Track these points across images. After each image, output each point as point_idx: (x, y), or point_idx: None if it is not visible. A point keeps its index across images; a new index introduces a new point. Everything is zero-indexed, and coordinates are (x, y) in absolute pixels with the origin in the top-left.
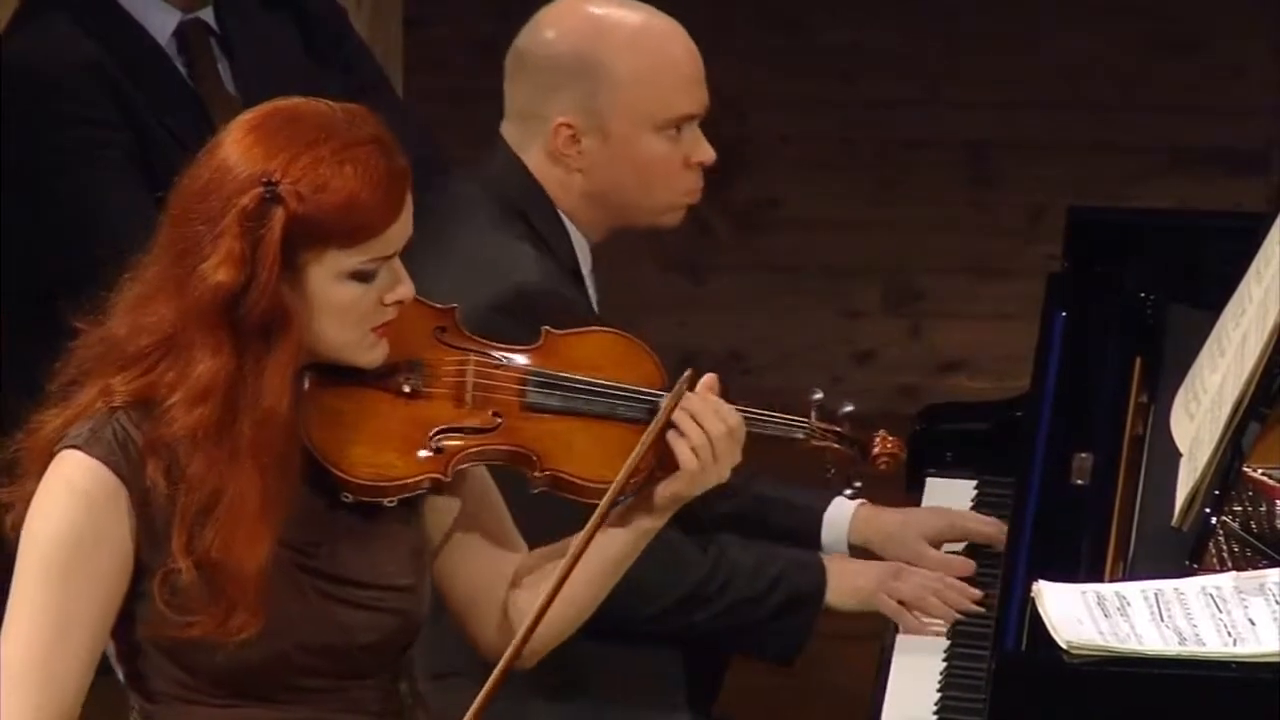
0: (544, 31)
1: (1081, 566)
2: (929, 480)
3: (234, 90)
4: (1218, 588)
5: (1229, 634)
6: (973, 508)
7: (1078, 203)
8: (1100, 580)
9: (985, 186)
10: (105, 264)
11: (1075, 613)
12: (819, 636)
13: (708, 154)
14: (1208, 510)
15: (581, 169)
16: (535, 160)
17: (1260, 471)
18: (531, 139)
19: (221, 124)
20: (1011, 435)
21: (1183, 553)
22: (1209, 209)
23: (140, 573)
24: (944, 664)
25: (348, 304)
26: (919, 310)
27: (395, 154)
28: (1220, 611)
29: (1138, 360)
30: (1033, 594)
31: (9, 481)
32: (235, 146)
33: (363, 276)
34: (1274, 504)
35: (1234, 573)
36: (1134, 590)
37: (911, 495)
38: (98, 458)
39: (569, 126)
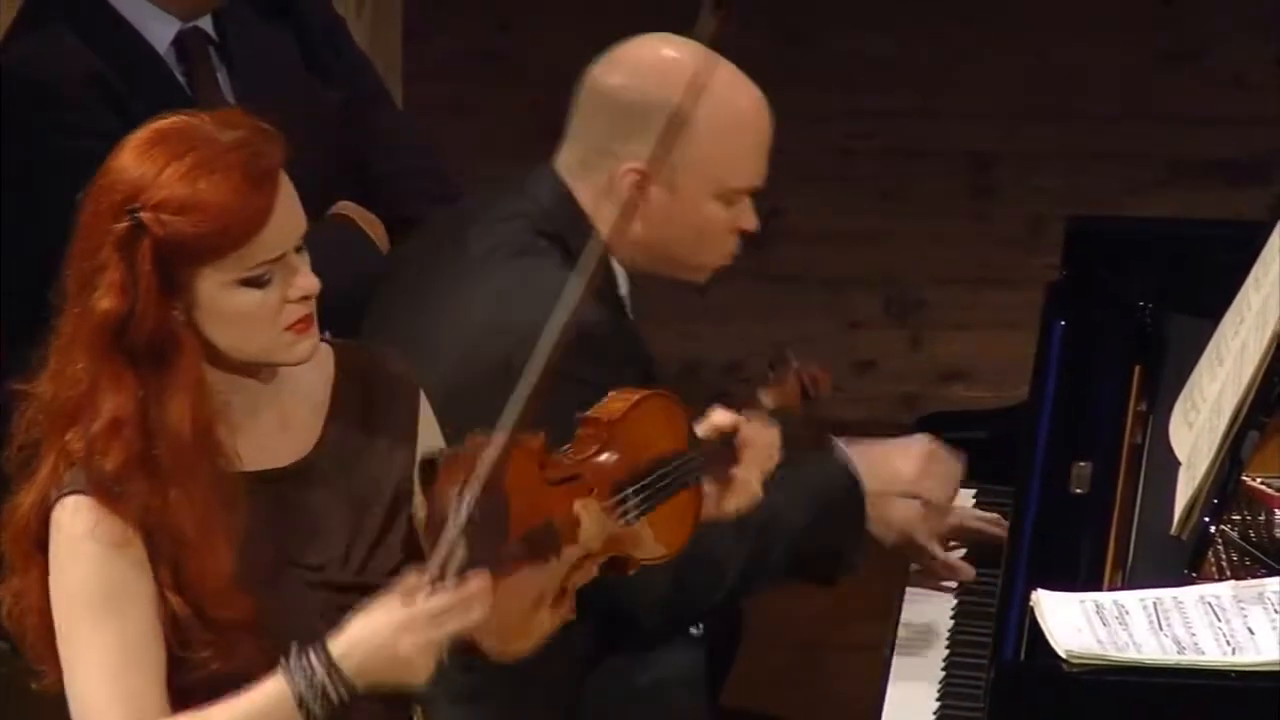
0: (633, 73)
1: (1080, 575)
2: None
3: (233, 99)
4: (1216, 596)
5: (1228, 643)
6: None
7: (1078, 213)
8: (1099, 589)
9: (986, 197)
10: None
11: (1074, 621)
12: (818, 646)
13: (753, 223)
14: (1206, 519)
15: (644, 218)
16: (588, 194)
17: (1259, 480)
18: (591, 173)
19: None
20: (1010, 444)
21: (1181, 561)
22: (1209, 218)
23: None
24: (943, 673)
25: (247, 311)
26: (920, 320)
27: (259, 155)
28: (1219, 620)
29: (1136, 369)
30: (1031, 603)
31: None
32: (116, 164)
33: (254, 283)
34: (1273, 513)
35: (1233, 581)
36: (1132, 599)
37: None
38: (91, 494)
39: (639, 173)
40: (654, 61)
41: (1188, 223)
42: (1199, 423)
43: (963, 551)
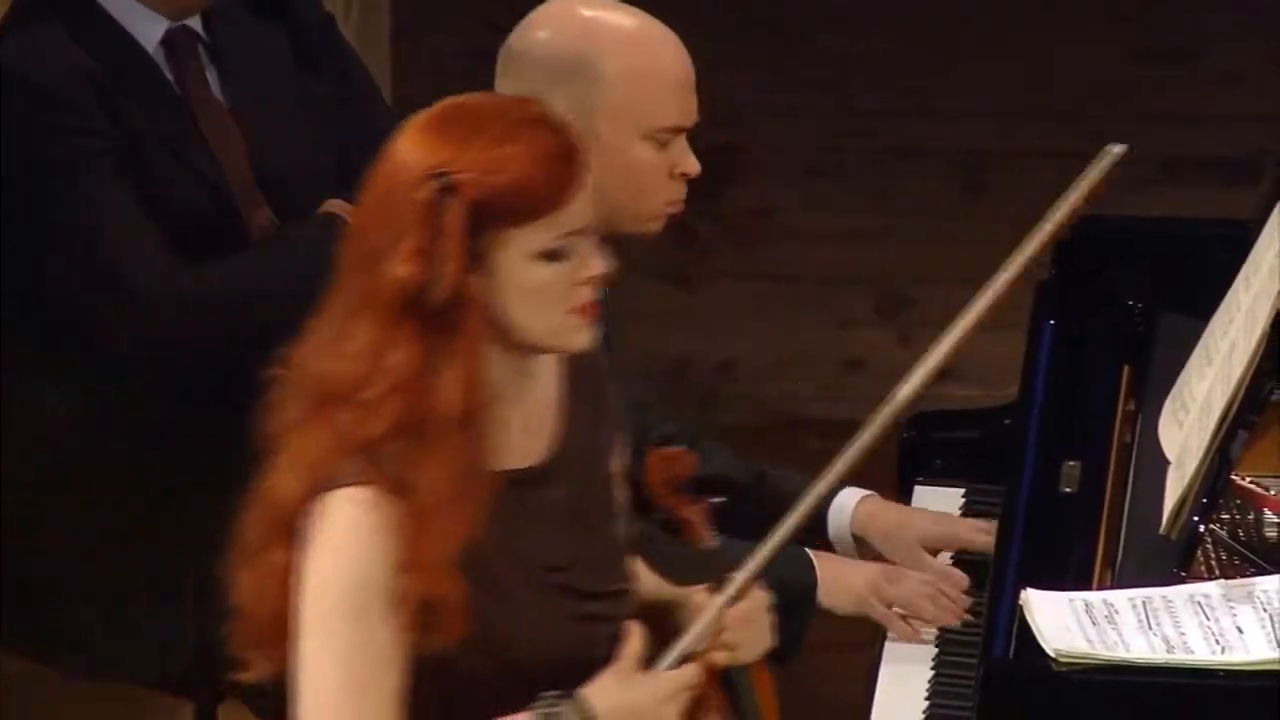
0: (537, 31)
1: (1069, 574)
2: (917, 488)
3: (222, 98)
4: (1206, 596)
5: (1217, 642)
6: (961, 516)
7: None
8: (1088, 588)
9: (977, 196)
10: (97, 272)
11: (1063, 621)
12: (808, 647)
13: (693, 166)
14: (1196, 518)
15: None
16: None
17: (1248, 480)
18: None
19: (209, 131)
20: (1000, 443)
21: (1171, 561)
22: (1199, 217)
23: None
24: (932, 672)
25: (541, 285)
26: (910, 319)
27: (563, 130)
28: (1208, 619)
29: (1126, 368)
30: (1021, 602)
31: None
32: (405, 148)
33: (552, 255)
34: (1262, 512)
35: (1222, 581)
36: (1122, 598)
37: (900, 503)
38: (373, 486)
39: None
40: (554, 16)
41: (1178, 222)
42: (1188, 422)
43: (949, 555)
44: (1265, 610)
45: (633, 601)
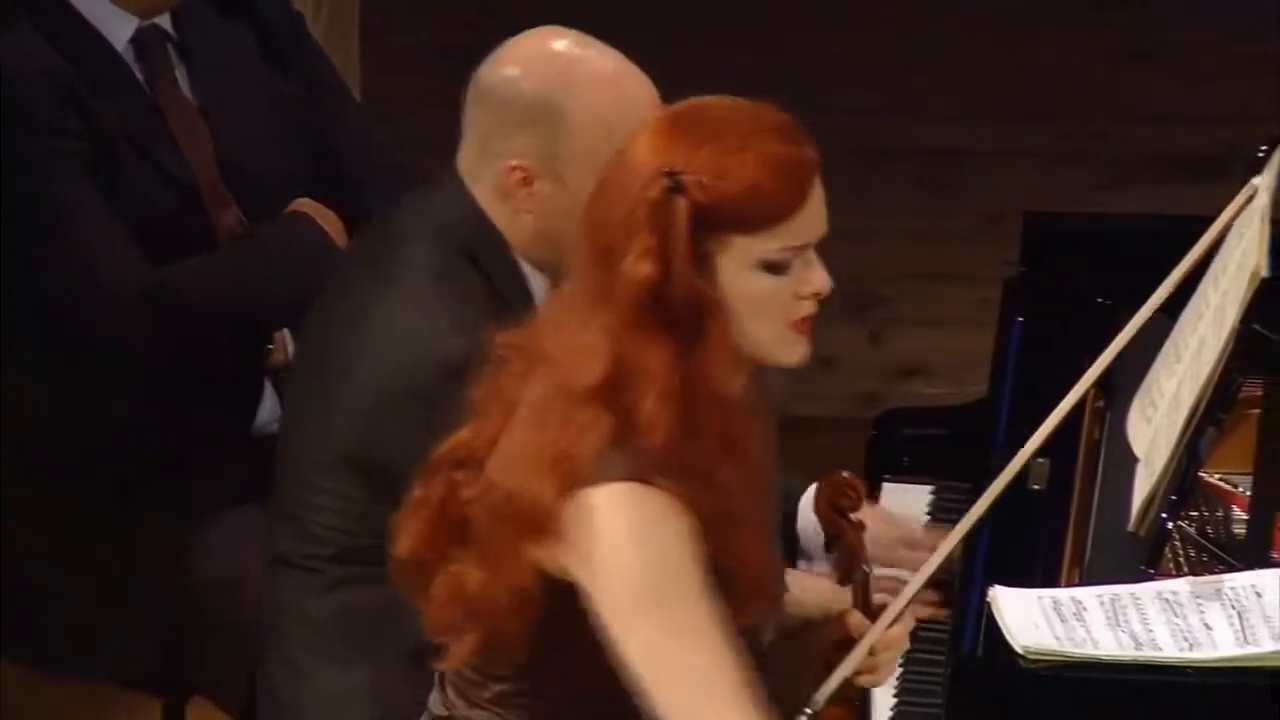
0: (508, 68)
1: (1038, 571)
2: (885, 485)
3: (191, 96)
4: (1174, 593)
5: (1185, 639)
6: (929, 513)
7: (1036, 209)
8: (1056, 585)
9: (946, 194)
10: (68, 271)
11: (1031, 618)
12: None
13: None
14: (1164, 515)
15: (531, 210)
16: (485, 193)
17: (1217, 477)
18: (484, 171)
19: (178, 130)
20: (969, 441)
21: (1139, 558)
22: (1167, 214)
23: None
24: (900, 669)
25: (760, 296)
26: (879, 317)
27: (801, 143)
28: (1176, 616)
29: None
30: (989, 599)
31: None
32: (640, 147)
33: (774, 267)
34: (1230, 509)
35: (1190, 578)
36: (1090, 595)
37: (868, 500)
38: (642, 481)
39: (522, 169)
40: (531, 56)
41: (1145, 219)
42: (1157, 419)
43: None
44: (1233, 608)
45: (779, 610)
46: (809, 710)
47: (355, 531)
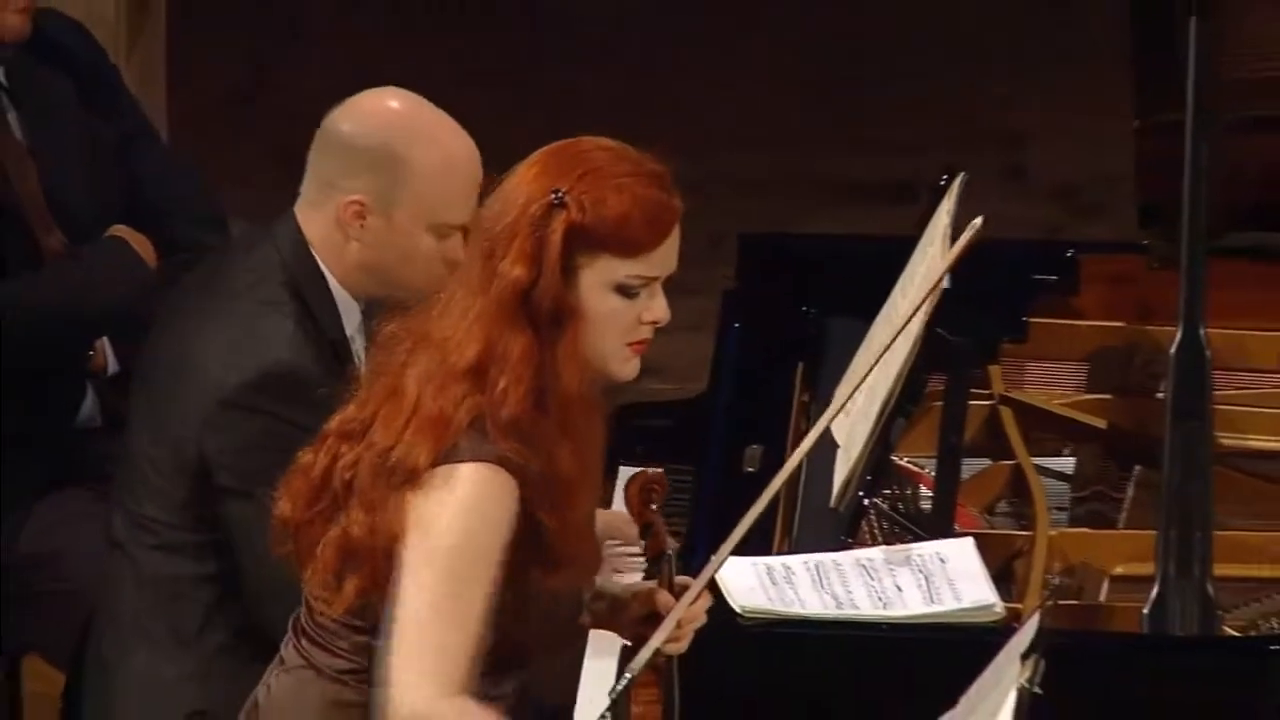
0: (349, 120)
1: (753, 542)
2: (621, 468)
3: (21, 138)
4: (870, 559)
5: (879, 599)
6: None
7: (750, 230)
8: (769, 554)
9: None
10: None
11: (748, 582)
12: None
13: (461, 256)
14: (861, 493)
15: (359, 240)
16: (321, 223)
17: (906, 459)
18: (323, 205)
19: (10, 165)
20: (693, 429)
21: (840, 530)
22: (862, 234)
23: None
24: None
25: (610, 313)
26: None
27: (671, 193)
28: (872, 580)
29: (800, 365)
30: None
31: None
32: (534, 169)
33: (626, 291)
34: (918, 487)
35: (884, 547)
36: (797, 562)
37: (606, 480)
38: (498, 465)
39: (359, 204)
40: (379, 110)
41: (843, 238)
42: (854, 411)
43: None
44: (921, 572)
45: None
46: (628, 675)
47: (176, 523)
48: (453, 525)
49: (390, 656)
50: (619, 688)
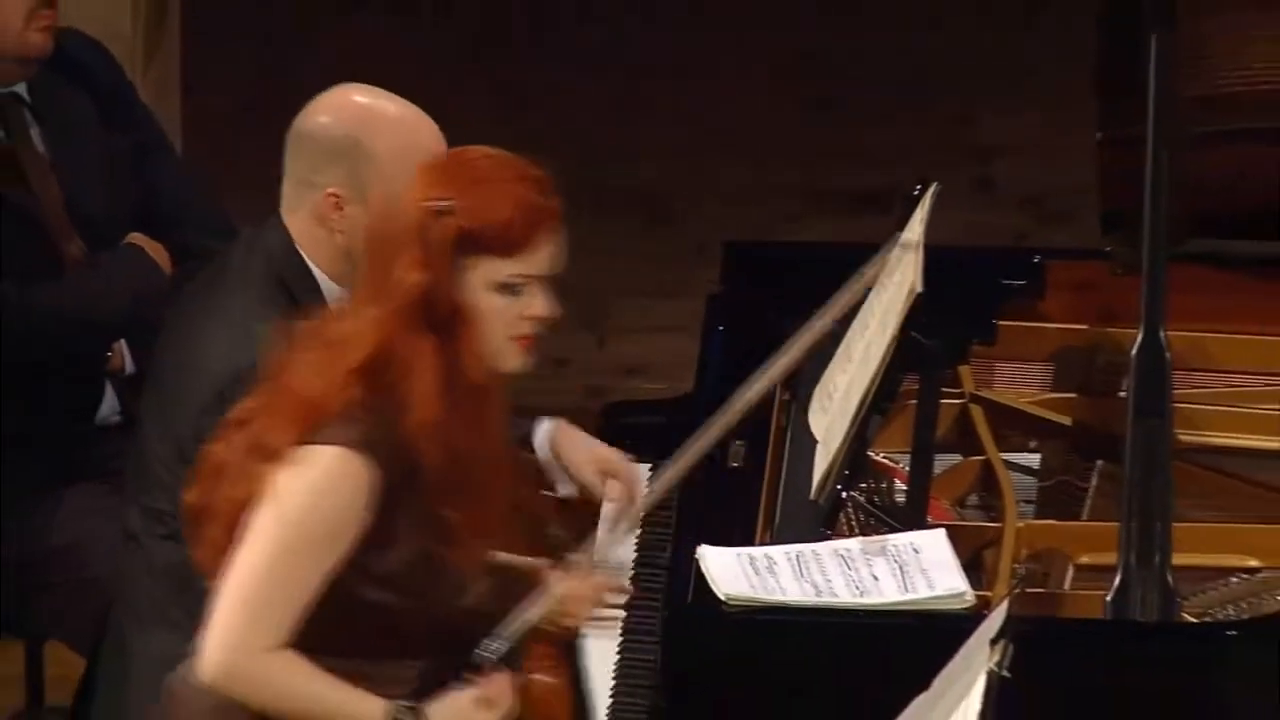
0: (318, 116)
1: (737, 534)
2: None
3: (43, 149)
4: (847, 550)
5: (857, 588)
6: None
7: (734, 238)
8: (752, 544)
9: (662, 224)
10: None
11: (732, 571)
12: None
13: None
14: (839, 487)
15: (343, 230)
16: (303, 219)
17: (882, 455)
18: (302, 202)
19: (33, 176)
20: (679, 427)
21: (819, 522)
22: (840, 241)
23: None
24: (624, 613)
25: (492, 310)
26: (605, 325)
27: (549, 195)
28: (849, 569)
29: None
30: (697, 556)
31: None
32: (420, 180)
33: (508, 289)
34: (893, 481)
35: (861, 538)
36: (779, 552)
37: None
38: (360, 451)
39: (336, 195)
40: (341, 104)
41: (821, 246)
42: (833, 409)
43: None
44: (896, 562)
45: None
46: (497, 643)
47: None
48: (298, 500)
49: (214, 608)
50: (481, 653)
